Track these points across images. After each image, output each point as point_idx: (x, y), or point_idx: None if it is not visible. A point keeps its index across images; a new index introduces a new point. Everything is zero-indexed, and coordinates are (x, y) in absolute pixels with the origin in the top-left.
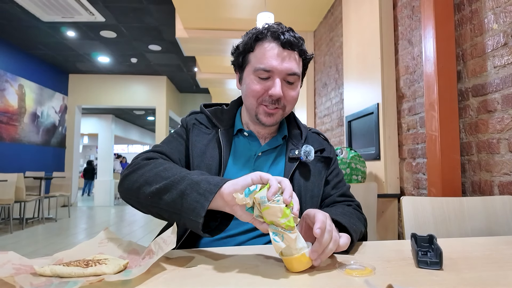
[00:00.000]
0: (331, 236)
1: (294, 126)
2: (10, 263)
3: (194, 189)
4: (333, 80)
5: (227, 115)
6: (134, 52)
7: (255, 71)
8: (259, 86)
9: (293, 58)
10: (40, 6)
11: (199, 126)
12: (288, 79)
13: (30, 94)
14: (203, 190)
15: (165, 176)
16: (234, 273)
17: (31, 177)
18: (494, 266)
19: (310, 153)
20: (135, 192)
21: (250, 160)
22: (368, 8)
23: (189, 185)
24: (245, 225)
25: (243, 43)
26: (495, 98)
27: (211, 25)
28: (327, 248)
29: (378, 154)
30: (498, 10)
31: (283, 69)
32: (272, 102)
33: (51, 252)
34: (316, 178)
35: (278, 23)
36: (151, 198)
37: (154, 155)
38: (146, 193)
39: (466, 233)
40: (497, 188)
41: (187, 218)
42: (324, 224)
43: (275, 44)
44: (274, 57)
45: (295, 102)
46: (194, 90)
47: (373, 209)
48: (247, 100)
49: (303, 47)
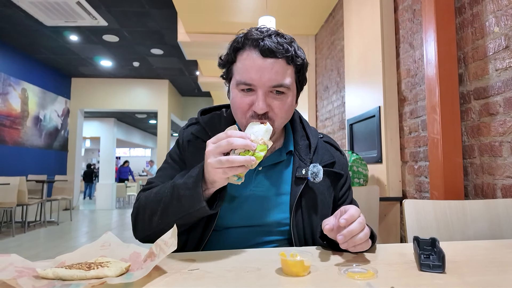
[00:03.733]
0: (362, 227)
1: (301, 136)
2: (13, 265)
3: (184, 188)
4: (334, 83)
5: (225, 123)
6: (136, 56)
7: (237, 85)
8: (243, 100)
9: (277, 68)
10: (44, 10)
11: (195, 142)
12: (275, 90)
13: (33, 97)
14: (191, 185)
15: (159, 198)
16: (235, 276)
17: (33, 181)
18: (497, 270)
19: (318, 174)
20: (149, 228)
21: (249, 176)
22: (369, 11)
23: (179, 189)
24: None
25: (225, 54)
26: (497, 101)
27: (213, 29)
28: (356, 236)
29: (380, 157)
30: (499, 13)
31: (265, 82)
32: (259, 117)
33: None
34: (325, 196)
35: (262, 26)
36: (162, 221)
37: (143, 193)
38: (156, 221)
39: (468, 236)
40: (499, 191)
41: (195, 211)
42: (352, 216)
43: (255, 53)
44: (254, 69)
45: (286, 115)
46: (196, 93)
47: (375, 213)
48: (236, 116)
49: (290, 52)
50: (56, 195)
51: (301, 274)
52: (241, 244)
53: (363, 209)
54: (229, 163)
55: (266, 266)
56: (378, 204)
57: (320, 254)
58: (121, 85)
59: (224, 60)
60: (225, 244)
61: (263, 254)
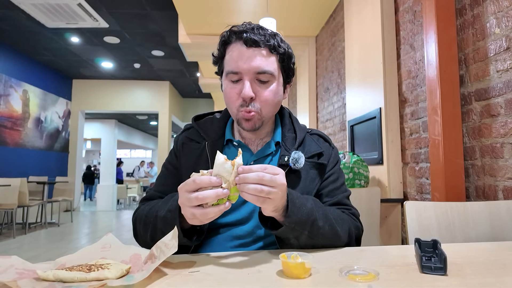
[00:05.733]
0: (258, 180)
1: (289, 130)
2: (13, 267)
3: (164, 223)
4: (335, 84)
5: (217, 125)
6: (137, 57)
7: (226, 76)
8: (232, 90)
9: (260, 56)
10: (45, 12)
11: (189, 144)
12: (259, 78)
13: (34, 99)
14: (169, 221)
15: (147, 223)
16: (236, 278)
17: (34, 182)
18: (499, 272)
19: (298, 160)
20: (146, 243)
21: None
22: (369, 13)
23: (161, 223)
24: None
25: (217, 50)
26: (498, 102)
27: (213, 30)
28: (247, 185)
29: (381, 158)
30: (500, 14)
31: (250, 68)
32: (246, 106)
33: (54, 256)
34: (306, 185)
35: (247, 23)
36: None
37: (139, 206)
38: (150, 239)
39: (470, 238)
40: (501, 193)
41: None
42: (250, 168)
43: (240, 44)
44: (239, 58)
45: (272, 104)
46: (197, 95)
47: (376, 214)
48: (228, 107)
49: (271, 42)
50: (57, 197)
51: (302, 276)
52: (230, 235)
53: (364, 211)
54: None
55: (267, 268)
56: (379, 205)
57: (321, 256)
58: (122, 86)
59: (217, 57)
60: (216, 239)
61: (264, 256)
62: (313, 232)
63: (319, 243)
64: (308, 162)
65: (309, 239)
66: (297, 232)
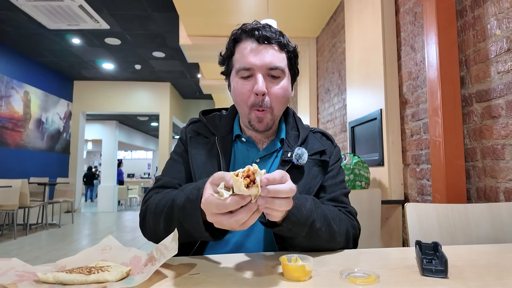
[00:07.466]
0: (289, 194)
1: (292, 128)
2: (13, 270)
3: (184, 214)
4: (336, 86)
5: (225, 121)
6: (138, 58)
7: (237, 73)
8: (243, 87)
9: (272, 52)
10: (46, 14)
11: (197, 138)
12: (271, 74)
13: (35, 100)
14: (191, 212)
15: (159, 211)
16: (236, 280)
17: (35, 183)
18: (500, 274)
19: (301, 156)
20: (156, 237)
21: None
22: (370, 14)
23: (178, 213)
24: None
25: (225, 49)
26: (499, 103)
27: (214, 32)
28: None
29: (382, 160)
30: (501, 16)
31: (262, 64)
32: (259, 104)
33: (54, 258)
34: (308, 182)
35: (254, 22)
36: (167, 235)
37: (150, 195)
38: (161, 233)
39: (471, 240)
40: (502, 195)
41: (198, 236)
42: (282, 177)
43: (251, 41)
44: (252, 54)
45: (283, 100)
46: (198, 96)
47: (377, 216)
48: (238, 106)
49: (281, 39)
50: (58, 198)
51: (302, 279)
52: (229, 237)
53: (365, 212)
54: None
55: (267, 270)
56: (380, 207)
57: (321, 259)
58: (123, 87)
59: (224, 55)
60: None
61: (264, 259)
62: (310, 233)
63: (316, 243)
64: (310, 159)
65: (307, 240)
66: (294, 233)
